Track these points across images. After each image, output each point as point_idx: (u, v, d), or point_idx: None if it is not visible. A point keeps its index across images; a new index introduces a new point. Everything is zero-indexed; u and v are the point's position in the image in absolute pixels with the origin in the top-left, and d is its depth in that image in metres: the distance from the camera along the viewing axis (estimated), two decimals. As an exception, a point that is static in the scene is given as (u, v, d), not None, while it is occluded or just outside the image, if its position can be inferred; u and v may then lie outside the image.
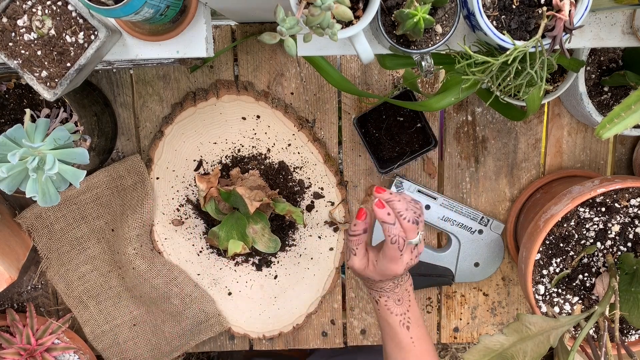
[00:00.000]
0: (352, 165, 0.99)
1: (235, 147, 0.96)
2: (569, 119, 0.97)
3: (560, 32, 0.56)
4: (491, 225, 0.98)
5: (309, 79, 0.96)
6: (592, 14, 0.67)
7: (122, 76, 0.95)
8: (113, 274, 1.00)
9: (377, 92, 0.96)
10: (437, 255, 1.00)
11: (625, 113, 0.55)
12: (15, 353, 0.93)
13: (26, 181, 0.72)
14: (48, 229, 0.97)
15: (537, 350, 0.70)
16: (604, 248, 0.81)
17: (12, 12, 0.64)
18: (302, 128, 0.95)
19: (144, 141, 0.97)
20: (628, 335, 0.83)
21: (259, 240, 0.94)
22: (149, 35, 0.71)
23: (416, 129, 0.95)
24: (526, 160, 0.98)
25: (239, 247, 0.90)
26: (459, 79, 0.70)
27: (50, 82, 0.66)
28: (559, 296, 0.82)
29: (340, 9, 0.50)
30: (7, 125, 0.87)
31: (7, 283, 0.86)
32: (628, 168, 0.99)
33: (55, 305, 1.03)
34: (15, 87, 0.86)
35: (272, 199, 0.92)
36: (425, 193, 0.97)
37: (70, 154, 0.74)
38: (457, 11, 0.60)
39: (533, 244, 0.80)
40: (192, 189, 0.97)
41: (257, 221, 0.93)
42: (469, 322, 1.04)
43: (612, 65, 0.88)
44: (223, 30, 0.94)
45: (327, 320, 1.03)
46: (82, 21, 0.65)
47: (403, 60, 0.73)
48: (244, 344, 1.05)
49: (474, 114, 0.97)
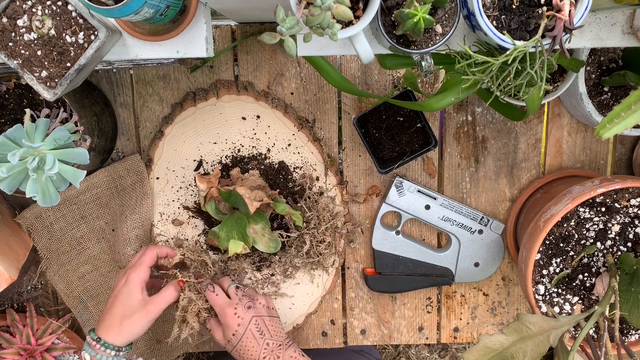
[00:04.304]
0: (352, 165, 0.99)
1: (235, 147, 0.96)
2: (569, 119, 0.97)
3: (560, 32, 0.56)
4: (491, 225, 0.98)
5: (309, 79, 0.96)
6: (592, 14, 0.67)
7: (122, 76, 0.95)
8: (113, 274, 1.00)
9: (377, 92, 0.96)
10: (437, 255, 1.00)
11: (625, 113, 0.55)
12: (15, 353, 0.93)
13: (26, 181, 0.72)
14: (48, 229, 0.97)
15: (537, 350, 0.70)
16: (604, 248, 0.81)
17: (12, 12, 0.64)
18: (302, 128, 0.95)
19: (144, 141, 0.97)
20: (628, 335, 0.83)
21: (260, 240, 0.94)
22: (149, 35, 0.71)
23: (416, 129, 0.95)
24: (526, 160, 0.98)
25: (239, 247, 0.90)
26: (459, 79, 0.70)
27: (50, 82, 0.66)
28: (559, 296, 0.82)
29: (340, 9, 0.50)
30: (7, 125, 0.87)
31: (7, 283, 0.86)
32: (628, 168, 0.99)
33: (55, 305, 1.03)
34: (15, 87, 0.86)
35: (272, 199, 0.92)
36: (425, 193, 0.97)
37: (70, 154, 0.74)
38: (457, 11, 0.60)
39: (533, 244, 0.80)
40: (192, 189, 0.97)
41: (257, 221, 0.93)
42: (469, 322, 1.04)
43: (612, 65, 0.88)
44: (223, 30, 0.94)
45: (327, 320, 1.03)
46: (82, 21, 0.65)
47: (403, 60, 0.73)
48: (244, 344, 1.05)
49: (474, 114, 0.97)
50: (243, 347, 0.83)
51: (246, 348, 0.83)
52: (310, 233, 0.95)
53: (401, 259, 0.99)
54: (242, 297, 0.85)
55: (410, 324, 1.04)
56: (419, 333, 1.04)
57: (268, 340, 0.83)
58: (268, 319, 0.85)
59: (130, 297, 0.81)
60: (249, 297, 0.86)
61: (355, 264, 1.02)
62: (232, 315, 0.83)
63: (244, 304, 0.84)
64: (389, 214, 1.01)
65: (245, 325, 0.83)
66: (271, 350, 0.83)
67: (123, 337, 0.80)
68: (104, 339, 0.80)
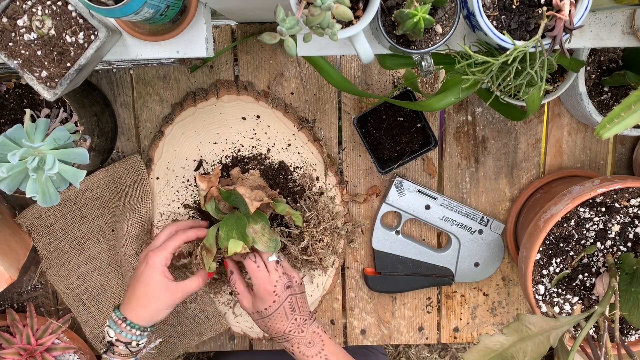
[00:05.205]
0: (352, 165, 0.99)
1: (235, 147, 0.96)
2: (569, 119, 0.97)
3: (560, 32, 0.56)
4: (491, 225, 0.98)
5: (309, 79, 0.96)
6: (592, 14, 0.67)
7: (122, 76, 0.95)
8: (113, 274, 1.00)
9: (377, 92, 0.96)
10: (437, 255, 1.00)
11: (625, 113, 0.55)
12: (15, 353, 0.93)
13: (26, 181, 0.72)
14: (48, 229, 0.97)
15: (537, 350, 0.70)
16: (604, 248, 0.81)
17: (12, 12, 0.64)
18: (302, 128, 0.95)
19: (144, 141, 0.97)
20: (628, 335, 0.83)
21: (259, 240, 0.93)
22: (149, 35, 0.71)
23: (416, 129, 0.95)
24: (526, 160, 0.98)
25: (239, 246, 0.90)
26: (459, 79, 0.70)
27: (50, 82, 0.66)
28: (559, 296, 0.82)
29: (340, 9, 0.50)
30: (7, 125, 0.87)
31: (7, 283, 0.86)
32: (628, 168, 0.99)
33: (55, 305, 1.03)
34: (15, 87, 0.86)
35: (272, 199, 0.92)
36: (425, 193, 0.97)
37: (70, 154, 0.74)
38: (457, 11, 0.60)
39: (533, 244, 0.80)
40: (192, 189, 0.97)
41: (257, 221, 0.93)
42: (469, 322, 1.04)
43: (612, 65, 0.88)
44: (223, 30, 0.94)
45: (327, 320, 1.03)
46: (82, 21, 0.65)
47: (403, 60, 0.73)
48: (244, 344, 1.05)
49: (474, 114, 0.97)
50: (272, 320, 0.84)
51: (275, 322, 0.84)
52: (309, 232, 0.95)
53: (401, 259, 0.99)
54: (283, 274, 0.85)
55: (410, 324, 1.04)
56: (419, 333, 1.04)
57: (297, 315, 0.85)
58: (300, 295, 0.86)
59: (153, 281, 0.83)
60: (287, 275, 0.86)
61: (355, 264, 1.02)
62: (270, 292, 0.84)
63: (284, 283, 0.84)
64: (389, 214, 1.01)
65: (280, 303, 0.84)
66: (297, 325, 0.84)
67: (148, 318, 0.83)
68: (130, 318, 0.82)
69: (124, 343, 0.82)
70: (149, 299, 0.82)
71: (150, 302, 0.82)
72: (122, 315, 0.82)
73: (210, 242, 0.88)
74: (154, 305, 0.83)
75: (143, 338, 0.83)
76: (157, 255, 0.83)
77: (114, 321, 0.82)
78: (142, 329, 0.82)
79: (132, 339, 0.82)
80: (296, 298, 0.85)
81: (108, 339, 0.82)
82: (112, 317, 0.83)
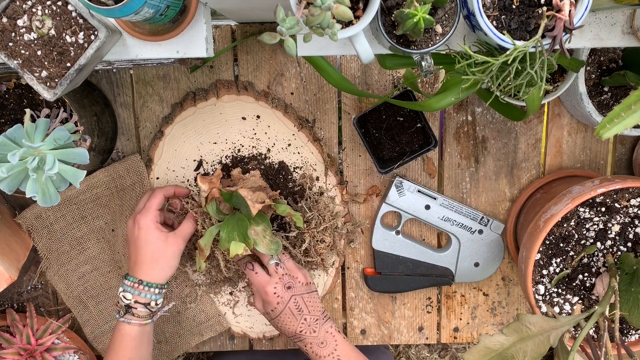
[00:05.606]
0: (352, 165, 0.99)
1: (235, 147, 0.96)
2: (569, 119, 0.97)
3: (560, 32, 0.56)
4: (491, 225, 0.98)
5: (309, 79, 0.96)
6: (592, 14, 0.67)
7: (122, 76, 0.95)
8: (113, 274, 1.00)
9: (377, 92, 0.96)
10: (437, 255, 1.00)
11: (625, 113, 0.55)
12: (15, 353, 0.93)
13: (26, 181, 0.72)
14: (48, 229, 0.97)
15: (537, 350, 0.70)
16: (604, 248, 0.81)
17: (12, 12, 0.64)
18: (302, 128, 0.95)
19: (144, 141, 0.97)
20: (628, 335, 0.83)
21: (261, 242, 0.93)
22: (149, 35, 0.71)
23: (416, 129, 0.95)
24: (526, 160, 0.98)
25: (240, 248, 0.90)
26: (459, 79, 0.70)
27: (50, 82, 0.66)
28: (559, 296, 0.82)
29: (340, 9, 0.50)
30: (7, 125, 0.87)
31: (7, 283, 0.86)
32: (628, 168, 0.99)
33: (55, 305, 1.03)
34: (15, 87, 0.86)
35: (273, 200, 0.92)
36: (425, 193, 0.97)
37: (70, 154, 0.74)
38: (457, 11, 0.60)
39: (533, 244, 0.80)
40: (192, 189, 0.97)
41: (258, 222, 0.93)
42: (469, 322, 1.04)
43: (612, 65, 0.88)
44: (223, 30, 0.94)
45: (327, 320, 1.03)
46: (82, 21, 0.65)
47: (403, 60, 0.73)
48: (244, 344, 1.05)
49: (474, 114, 0.97)
50: (281, 321, 0.86)
51: (284, 322, 0.86)
52: (310, 232, 0.94)
53: (401, 259, 0.99)
54: (283, 275, 0.86)
55: (410, 324, 1.04)
56: (419, 333, 1.04)
57: (306, 315, 0.85)
58: (307, 295, 0.87)
59: (153, 239, 0.84)
60: (289, 275, 0.87)
61: (355, 264, 1.02)
62: (271, 294, 0.85)
63: (284, 284, 0.86)
64: (389, 214, 1.01)
65: (284, 304, 0.85)
66: (308, 325, 0.85)
67: (162, 275, 0.85)
68: (146, 279, 0.84)
69: (142, 304, 0.83)
70: (156, 257, 0.84)
71: (159, 259, 0.84)
72: (137, 279, 0.83)
73: (205, 241, 0.88)
74: (163, 260, 0.84)
75: (160, 297, 0.85)
76: (145, 215, 0.85)
77: (130, 286, 0.83)
78: (159, 286, 0.84)
79: (152, 298, 0.84)
80: (302, 298, 0.86)
81: (125, 303, 0.83)
82: (126, 283, 0.84)
